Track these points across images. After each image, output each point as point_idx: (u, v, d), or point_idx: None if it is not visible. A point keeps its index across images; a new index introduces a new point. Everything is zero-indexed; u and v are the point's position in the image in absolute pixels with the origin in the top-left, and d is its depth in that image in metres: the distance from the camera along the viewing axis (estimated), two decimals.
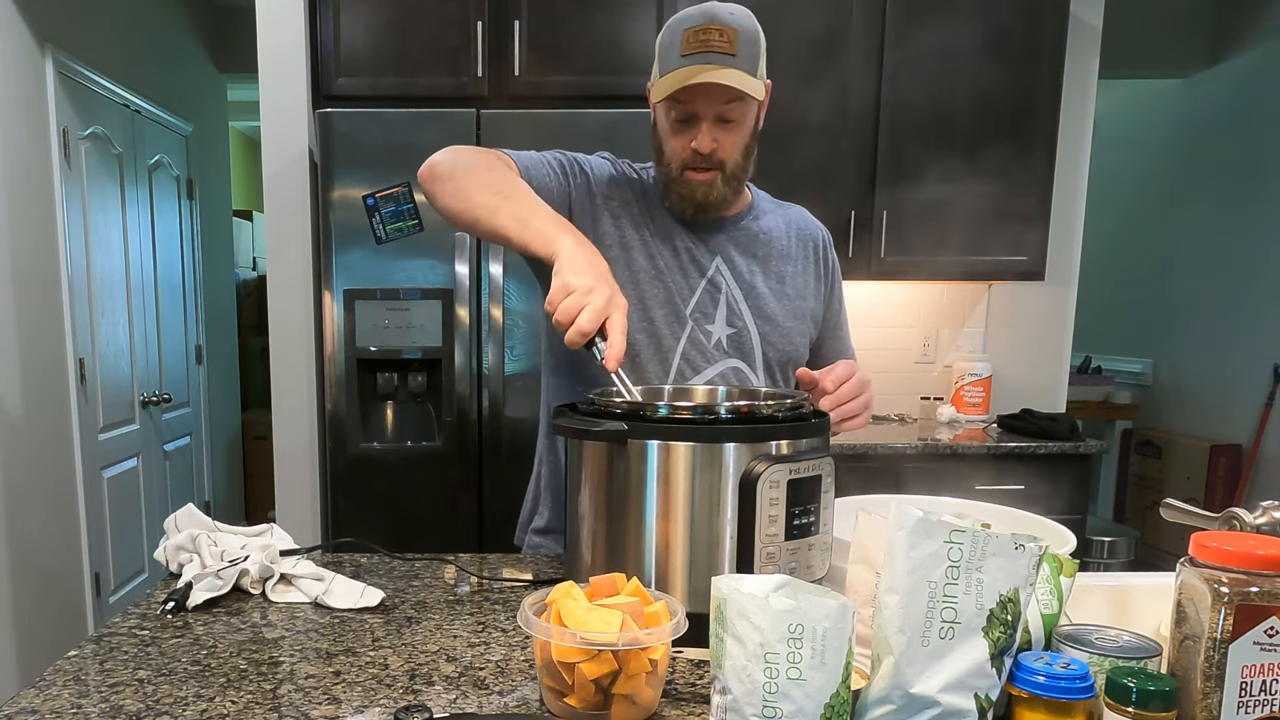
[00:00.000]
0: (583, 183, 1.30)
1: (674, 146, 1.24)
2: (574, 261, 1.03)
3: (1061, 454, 2.64)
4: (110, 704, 0.81)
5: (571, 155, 1.32)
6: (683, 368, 1.28)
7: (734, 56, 1.16)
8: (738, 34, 1.16)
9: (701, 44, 1.15)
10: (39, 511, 2.88)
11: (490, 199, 1.14)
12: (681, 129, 1.22)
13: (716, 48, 1.15)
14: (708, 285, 1.30)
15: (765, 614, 0.66)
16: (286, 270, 2.78)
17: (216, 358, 4.55)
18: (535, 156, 1.29)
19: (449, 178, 1.19)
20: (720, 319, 1.30)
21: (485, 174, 1.18)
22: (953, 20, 2.74)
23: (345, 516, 2.53)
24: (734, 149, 1.24)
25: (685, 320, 1.28)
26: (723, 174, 1.25)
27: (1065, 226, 3.08)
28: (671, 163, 1.25)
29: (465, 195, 1.16)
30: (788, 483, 0.91)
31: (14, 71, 2.72)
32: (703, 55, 1.15)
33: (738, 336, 1.30)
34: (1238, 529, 0.85)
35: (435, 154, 1.23)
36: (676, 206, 1.29)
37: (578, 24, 2.65)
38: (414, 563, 1.25)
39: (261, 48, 2.70)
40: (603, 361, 1.00)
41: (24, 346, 2.77)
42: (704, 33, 1.16)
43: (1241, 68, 4.01)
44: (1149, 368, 4.61)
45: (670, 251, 1.30)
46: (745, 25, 1.18)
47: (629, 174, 1.34)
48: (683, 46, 1.17)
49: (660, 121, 1.26)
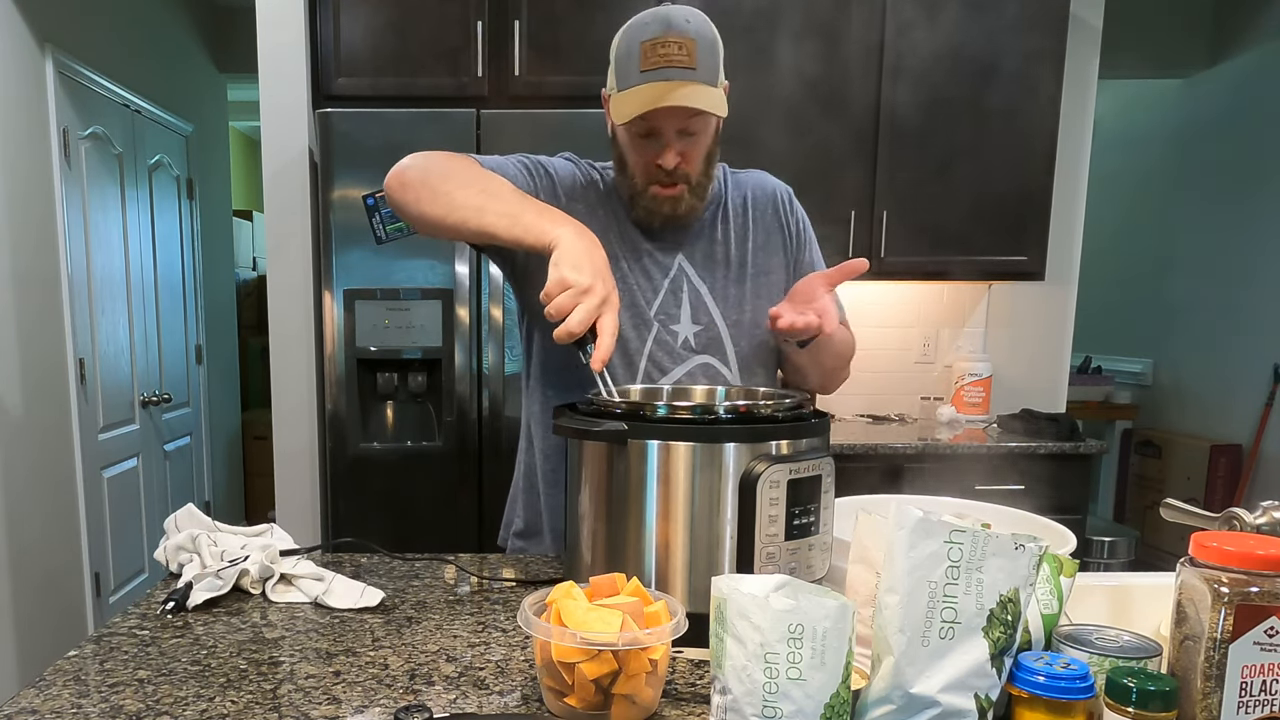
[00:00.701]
0: (548, 185, 1.29)
1: (637, 162, 1.23)
2: (572, 254, 1.02)
3: (1061, 454, 2.64)
4: (110, 704, 0.81)
5: (534, 158, 1.31)
6: (650, 370, 1.27)
7: (694, 70, 1.14)
8: (696, 45, 1.14)
9: (661, 58, 1.13)
10: (39, 511, 2.88)
11: (474, 198, 1.12)
12: (644, 144, 1.21)
13: (676, 62, 1.13)
14: (670, 285, 1.29)
15: (765, 614, 0.66)
16: (286, 270, 2.78)
17: (216, 358, 4.55)
18: (498, 160, 1.27)
19: (423, 184, 1.16)
20: (685, 317, 1.29)
21: (463, 174, 1.16)
22: (953, 20, 2.74)
23: (345, 516, 2.53)
24: (698, 161, 1.23)
25: (651, 322, 1.28)
26: (689, 186, 1.24)
27: (1065, 226, 3.08)
28: (636, 178, 1.24)
29: (445, 198, 1.14)
30: (788, 483, 0.91)
31: (14, 71, 2.72)
32: (663, 71, 1.13)
33: (705, 333, 1.30)
34: (1238, 529, 0.85)
35: (401, 161, 1.20)
36: (644, 219, 1.28)
37: (578, 24, 2.66)
38: (414, 563, 1.25)
39: (261, 48, 2.70)
40: (589, 362, 1.00)
41: (24, 346, 2.77)
42: (662, 46, 1.13)
43: (1241, 68, 4.01)
44: (1149, 368, 4.61)
45: (633, 254, 1.29)
46: (703, 34, 1.16)
47: (592, 175, 1.33)
48: (641, 61, 1.14)
49: (621, 135, 1.24)
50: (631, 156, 1.23)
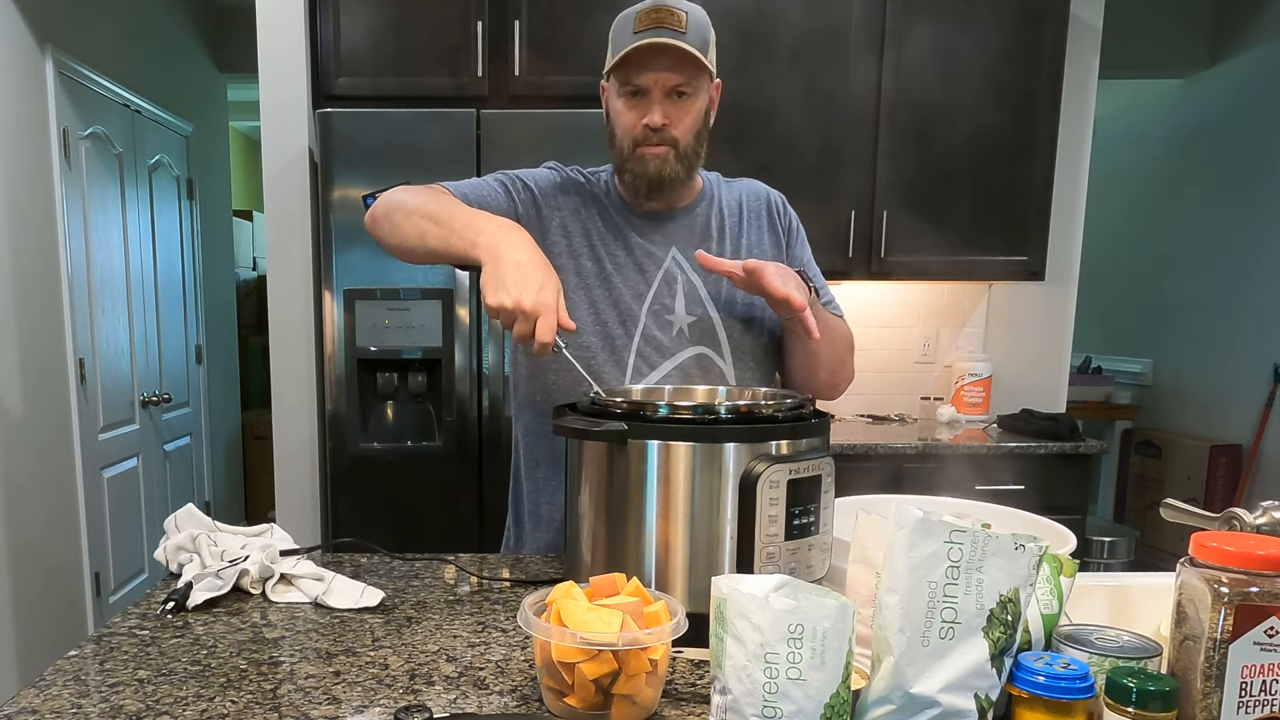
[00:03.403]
0: (528, 198, 1.31)
1: (626, 124, 1.25)
2: (492, 273, 1.03)
3: (1061, 454, 2.64)
4: (110, 704, 0.81)
5: (512, 174, 1.33)
6: (639, 364, 1.28)
7: (685, 34, 1.19)
8: (687, 16, 1.20)
9: (654, 21, 1.18)
10: (39, 511, 2.88)
11: (419, 224, 1.16)
12: (633, 103, 1.24)
13: (669, 25, 1.18)
14: (664, 276, 1.30)
15: (765, 614, 0.66)
16: (286, 270, 2.78)
17: (216, 358, 4.55)
18: (475, 181, 1.30)
19: (385, 217, 1.22)
20: (680, 308, 1.30)
21: (413, 202, 1.19)
22: (953, 20, 2.74)
23: (345, 516, 2.53)
24: (686, 128, 1.25)
25: (638, 319, 1.29)
26: (675, 150, 1.25)
27: (1065, 226, 3.08)
28: (623, 142, 1.26)
29: (399, 229, 1.19)
30: (788, 483, 0.91)
31: (14, 71, 2.72)
32: (655, 31, 1.18)
33: (699, 323, 1.30)
34: (1238, 529, 0.85)
35: (378, 198, 1.26)
36: (630, 186, 1.29)
37: (578, 24, 2.65)
38: (414, 563, 1.25)
39: (261, 48, 2.70)
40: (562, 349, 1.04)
41: (24, 346, 2.77)
42: (656, 12, 1.19)
43: (1241, 68, 4.01)
44: (1149, 368, 4.61)
45: (624, 249, 1.30)
46: (695, 13, 1.22)
47: (577, 179, 1.35)
48: (634, 25, 1.19)
49: (612, 102, 1.27)
50: (620, 122, 1.26)
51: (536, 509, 1.35)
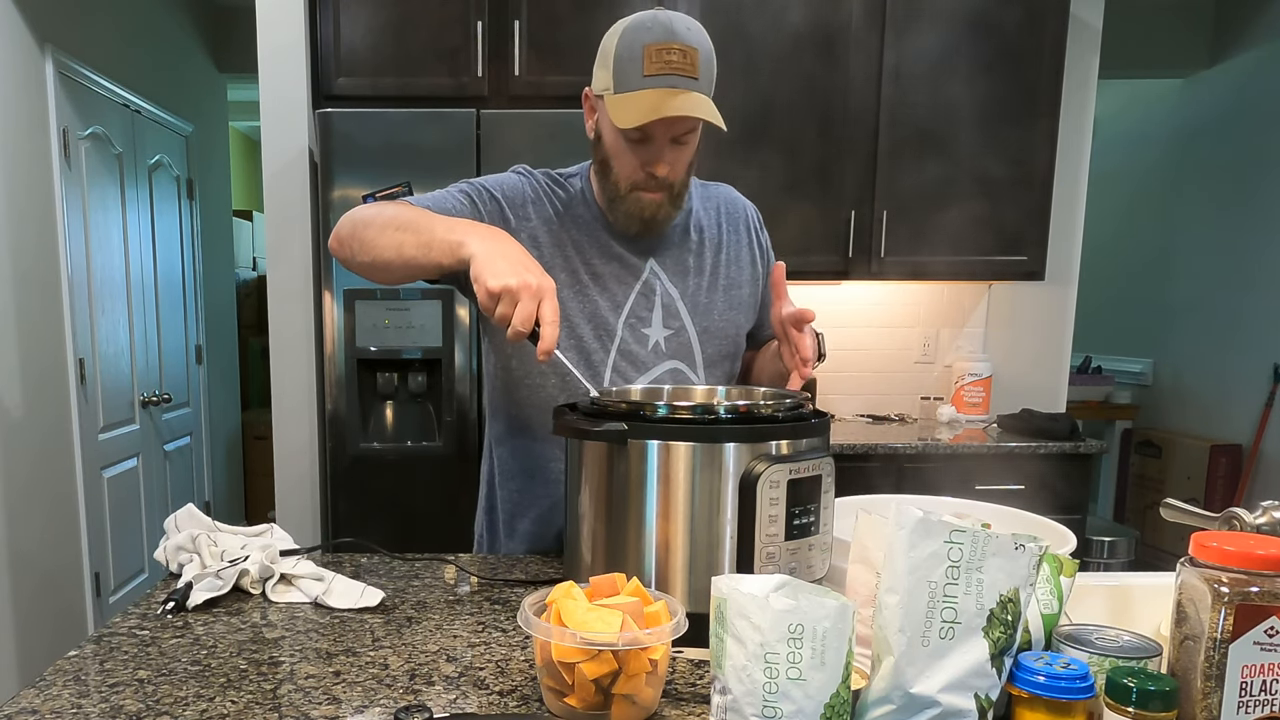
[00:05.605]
0: (494, 209, 1.27)
1: (626, 166, 1.22)
2: (488, 262, 1.02)
3: (1061, 454, 2.64)
4: (110, 704, 0.81)
5: (477, 183, 1.29)
6: (614, 380, 1.27)
7: (696, 80, 1.14)
8: (698, 54, 1.14)
9: (665, 64, 1.12)
10: (39, 511, 2.88)
11: (392, 236, 1.13)
12: (636, 149, 1.20)
13: (680, 70, 1.12)
14: (642, 288, 1.29)
15: (765, 614, 0.66)
16: (286, 270, 2.78)
17: (216, 358, 4.55)
18: (438, 194, 1.26)
19: (351, 236, 1.19)
20: (657, 321, 1.29)
21: (380, 217, 1.17)
22: (953, 20, 2.74)
23: (345, 516, 2.53)
24: (683, 169, 1.23)
25: (615, 331, 1.27)
26: (670, 193, 1.23)
27: (1065, 226, 3.08)
28: (620, 181, 1.23)
29: (369, 246, 1.16)
30: (788, 483, 0.91)
31: (14, 71, 2.72)
32: (668, 78, 1.12)
33: (675, 337, 1.30)
34: (1238, 529, 0.85)
35: (339, 220, 1.23)
36: (622, 223, 1.26)
37: (578, 24, 2.65)
38: (414, 563, 1.25)
39: (261, 48, 2.70)
40: (560, 357, 1.02)
41: (24, 346, 2.77)
42: (667, 52, 1.12)
43: (1241, 68, 4.01)
44: (1149, 368, 4.61)
45: (602, 259, 1.28)
46: (702, 45, 1.16)
47: (549, 187, 1.31)
48: (645, 65, 1.13)
49: (608, 137, 1.22)
50: (620, 160, 1.22)
51: (511, 521, 1.34)
